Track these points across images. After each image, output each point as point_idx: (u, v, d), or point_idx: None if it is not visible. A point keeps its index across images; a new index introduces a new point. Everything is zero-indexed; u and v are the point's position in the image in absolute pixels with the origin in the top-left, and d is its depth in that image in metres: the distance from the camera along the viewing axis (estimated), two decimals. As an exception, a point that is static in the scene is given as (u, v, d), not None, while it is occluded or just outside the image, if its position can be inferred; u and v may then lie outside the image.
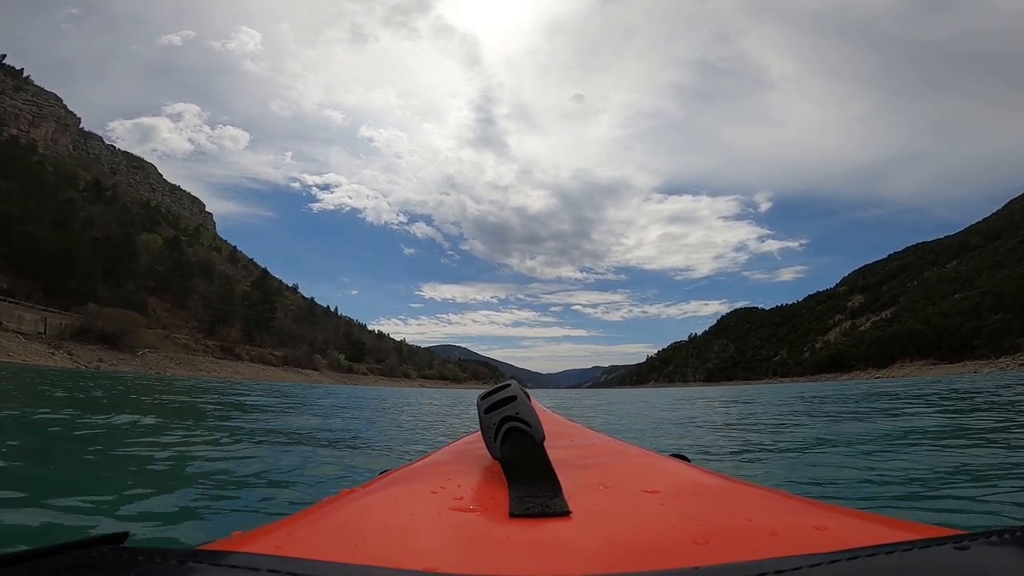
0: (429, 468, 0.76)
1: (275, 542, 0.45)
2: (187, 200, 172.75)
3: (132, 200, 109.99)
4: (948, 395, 11.92)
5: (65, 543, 0.38)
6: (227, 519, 2.23)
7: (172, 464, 3.43)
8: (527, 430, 0.63)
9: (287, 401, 12.95)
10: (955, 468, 3.20)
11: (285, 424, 6.71)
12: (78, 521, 2.08)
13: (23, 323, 41.26)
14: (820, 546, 0.38)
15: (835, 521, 0.45)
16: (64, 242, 52.62)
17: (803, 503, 0.51)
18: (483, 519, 0.52)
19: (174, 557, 0.35)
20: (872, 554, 0.33)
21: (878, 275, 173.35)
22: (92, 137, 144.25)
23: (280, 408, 9.99)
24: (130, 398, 10.71)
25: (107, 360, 43.41)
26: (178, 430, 5.28)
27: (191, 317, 78.49)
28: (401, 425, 7.95)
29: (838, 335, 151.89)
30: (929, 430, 5.48)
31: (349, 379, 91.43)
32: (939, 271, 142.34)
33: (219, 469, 3.32)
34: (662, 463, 0.74)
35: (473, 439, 1.00)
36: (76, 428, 5.06)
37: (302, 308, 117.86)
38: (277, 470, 3.38)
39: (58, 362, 36.53)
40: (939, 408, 8.30)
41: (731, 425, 7.68)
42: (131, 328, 49.63)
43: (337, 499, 0.61)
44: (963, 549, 0.32)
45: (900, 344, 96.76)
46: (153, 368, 46.28)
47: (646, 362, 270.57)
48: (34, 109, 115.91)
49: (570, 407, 16.18)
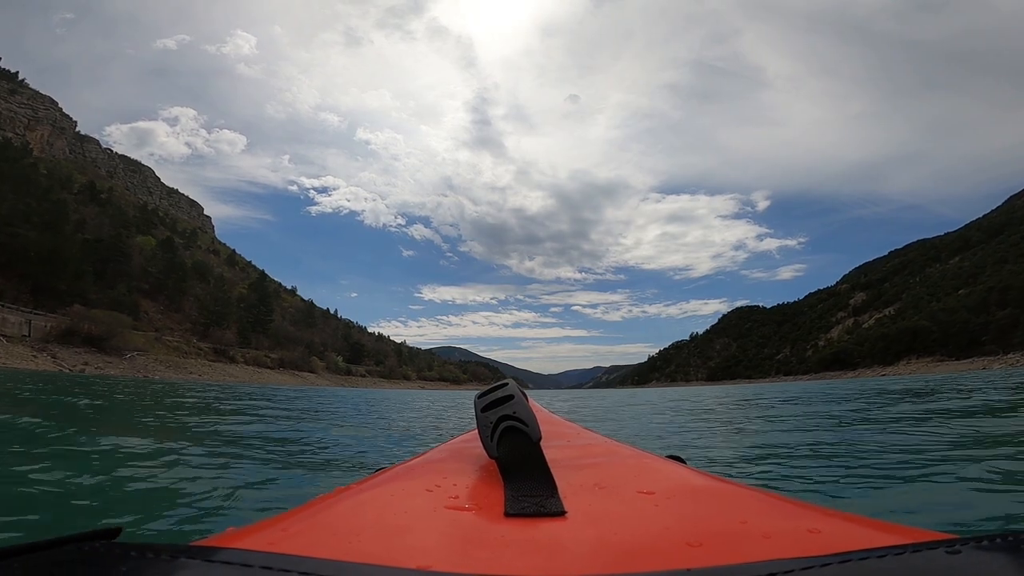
0: (425, 466, 0.76)
1: (269, 538, 0.45)
2: (185, 203, 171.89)
3: (128, 203, 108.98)
4: (983, 390, 10.86)
5: (58, 538, 0.37)
6: (221, 515, 2.19)
7: (165, 462, 3.39)
8: (524, 429, 0.62)
9: (266, 403, 12.41)
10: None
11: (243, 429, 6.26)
12: (69, 517, 2.09)
13: (6, 325, 40.03)
14: (813, 549, 0.38)
15: (828, 524, 0.45)
16: (52, 243, 51.49)
17: (797, 506, 0.51)
18: (478, 518, 0.52)
19: (167, 552, 0.35)
20: (864, 558, 0.33)
21: (879, 272, 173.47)
22: (89, 141, 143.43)
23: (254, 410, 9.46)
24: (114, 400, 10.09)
25: (93, 363, 42.16)
26: (164, 429, 5.32)
27: (185, 319, 77.35)
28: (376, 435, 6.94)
29: (841, 333, 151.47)
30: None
31: (347, 381, 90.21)
32: (942, 267, 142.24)
33: (212, 466, 3.32)
34: (657, 464, 0.74)
35: (469, 438, 1.00)
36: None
37: (300, 310, 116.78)
38: (271, 468, 3.36)
39: (40, 365, 35.27)
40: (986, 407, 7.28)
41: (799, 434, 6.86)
42: (118, 330, 48.33)
43: (332, 496, 0.60)
44: (955, 553, 0.32)
45: (906, 341, 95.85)
46: (141, 371, 45.01)
47: (647, 362, 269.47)
48: (29, 112, 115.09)
49: (579, 410, 15.09)
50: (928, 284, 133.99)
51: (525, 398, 0.68)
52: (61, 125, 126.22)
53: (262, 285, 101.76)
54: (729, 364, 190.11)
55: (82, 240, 63.17)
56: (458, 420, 9.13)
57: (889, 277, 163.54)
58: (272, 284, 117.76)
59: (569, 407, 15.59)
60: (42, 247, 50.18)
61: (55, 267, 50.86)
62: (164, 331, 66.79)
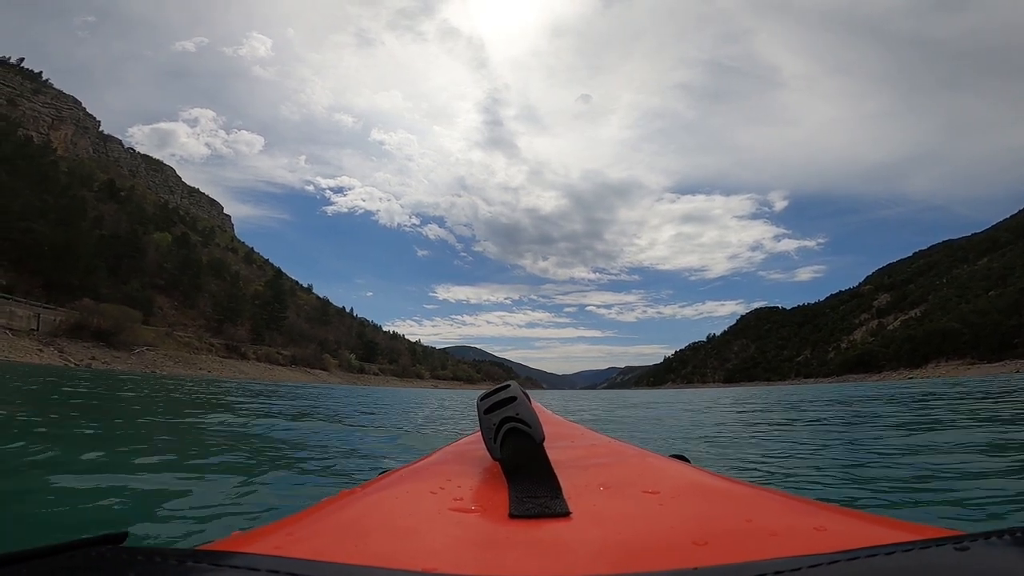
0: (429, 468, 0.76)
1: (275, 542, 0.45)
2: (205, 202, 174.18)
3: (149, 201, 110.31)
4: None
5: (64, 543, 0.37)
6: (226, 519, 2.19)
7: (168, 463, 3.37)
8: (527, 431, 0.62)
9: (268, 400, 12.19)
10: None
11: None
12: (75, 521, 2.08)
13: (14, 319, 39.98)
14: (820, 547, 0.38)
15: (835, 522, 0.45)
16: (66, 238, 51.72)
17: (803, 503, 0.51)
18: (483, 520, 0.52)
19: (173, 557, 0.35)
20: (872, 555, 0.32)
21: (904, 273, 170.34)
22: (112, 140, 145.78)
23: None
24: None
25: (100, 357, 42.04)
26: (164, 428, 5.37)
27: (199, 316, 77.69)
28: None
29: (865, 335, 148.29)
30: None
31: (359, 379, 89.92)
32: (969, 268, 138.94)
33: (212, 467, 3.33)
34: (662, 464, 0.73)
35: (473, 440, 1.00)
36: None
37: (315, 308, 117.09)
38: (272, 470, 3.34)
39: (45, 359, 35.11)
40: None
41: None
42: (128, 325, 48.26)
43: (337, 499, 0.61)
44: (963, 550, 0.32)
45: (935, 343, 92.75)
46: (149, 366, 44.82)
47: (663, 363, 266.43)
48: (53, 112, 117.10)
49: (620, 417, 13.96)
50: (956, 285, 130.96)
51: (528, 399, 0.68)
52: (84, 125, 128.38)
53: (278, 283, 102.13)
54: (747, 366, 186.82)
55: (97, 236, 63.60)
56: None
57: (914, 278, 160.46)
58: (288, 282, 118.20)
59: (603, 412, 14.46)
60: (55, 242, 50.41)
61: (66, 262, 51.03)
62: (177, 327, 67.05)
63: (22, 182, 55.01)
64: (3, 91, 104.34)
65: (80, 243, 54.97)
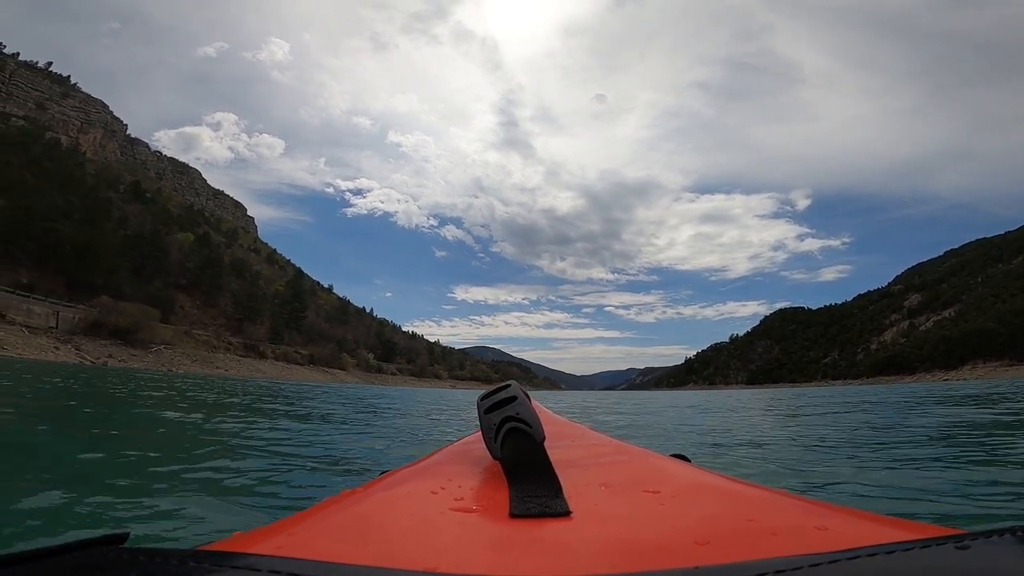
0: (430, 468, 0.76)
1: (276, 543, 0.45)
2: (230, 204, 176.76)
3: (174, 203, 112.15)
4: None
5: (66, 544, 0.37)
6: (227, 519, 2.20)
7: (171, 464, 3.37)
8: (527, 430, 0.62)
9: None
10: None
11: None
12: (76, 521, 2.09)
13: (32, 316, 40.41)
14: (821, 546, 0.38)
15: (836, 521, 0.45)
16: (88, 238, 52.46)
17: (804, 503, 0.51)
18: (484, 519, 0.52)
19: (175, 558, 0.35)
20: (873, 554, 0.32)
21: (935, 272, 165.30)
22: (139, 143, 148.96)
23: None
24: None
25: (117, 355, 42.25)
26: (164, 426, 5.37)
27: (220, 315, 78.48)
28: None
29: (895, 335, 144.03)
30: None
31: (377, 379, 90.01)
32: (1005, 267, 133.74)
33: (213, 468, 3.30)
34: (663, 463, 0.73)
35: (473, 439, 1.00)
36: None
37: (335, 308, 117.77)
38: (274, 470, 3.34)
39: (61, 357, 35.20)
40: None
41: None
42: (146, 323, 48.66)
43: (338, 499, 0.61)
44: (964, 549, 0.32)
45: (971, 344, 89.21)
46: (166, 365, 44.96)
47: (684, 364, 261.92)
48: (82, 115, 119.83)
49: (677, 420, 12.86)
50: (992, 284, 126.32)
51: (528, 399, 0.68)
52: (112, 128, 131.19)
53: (298, 282, 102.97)
54: (771, 367, 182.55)
55: (121, 236, 64.57)
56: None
57: (946, 278, 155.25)
58: (308, 282, 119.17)
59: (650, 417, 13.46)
60: (77, 242, 51.14)
61: (88, 261, 51.74)
62: (198, 325, 67.72)
63: (49, 183, 56.12)
64: (32, 95, 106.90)
65: (103, 243, 55.76)
